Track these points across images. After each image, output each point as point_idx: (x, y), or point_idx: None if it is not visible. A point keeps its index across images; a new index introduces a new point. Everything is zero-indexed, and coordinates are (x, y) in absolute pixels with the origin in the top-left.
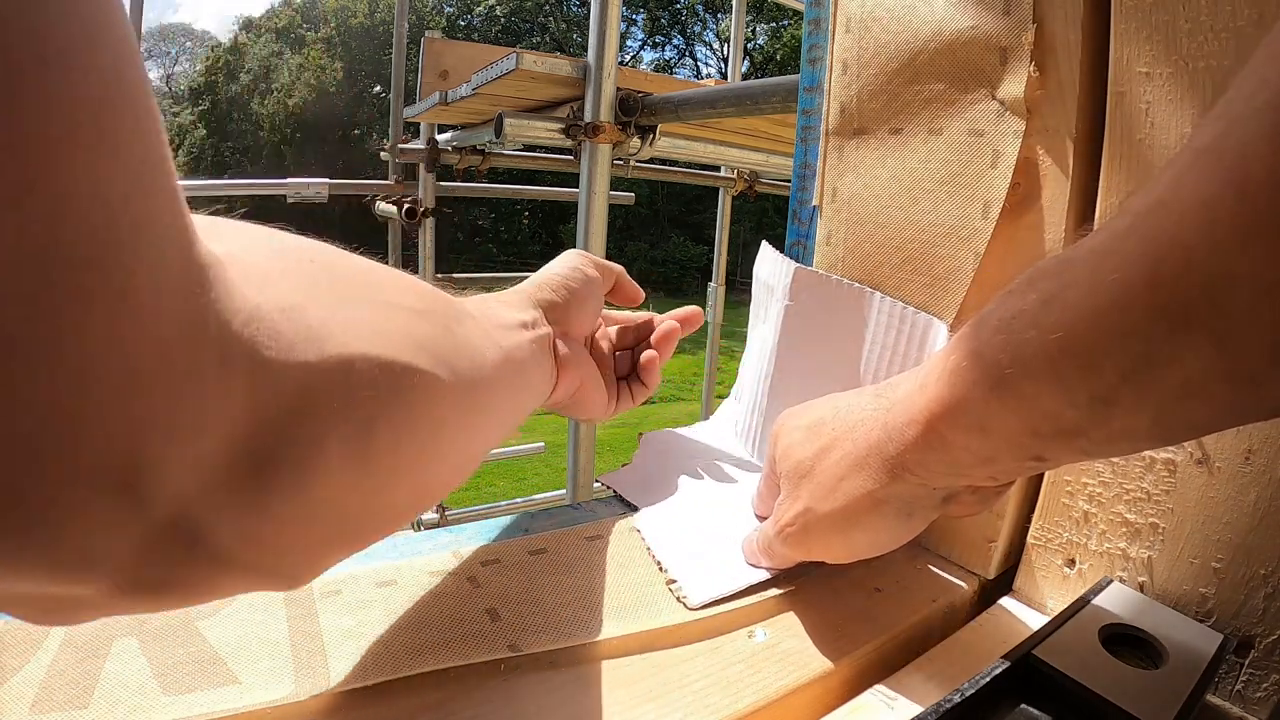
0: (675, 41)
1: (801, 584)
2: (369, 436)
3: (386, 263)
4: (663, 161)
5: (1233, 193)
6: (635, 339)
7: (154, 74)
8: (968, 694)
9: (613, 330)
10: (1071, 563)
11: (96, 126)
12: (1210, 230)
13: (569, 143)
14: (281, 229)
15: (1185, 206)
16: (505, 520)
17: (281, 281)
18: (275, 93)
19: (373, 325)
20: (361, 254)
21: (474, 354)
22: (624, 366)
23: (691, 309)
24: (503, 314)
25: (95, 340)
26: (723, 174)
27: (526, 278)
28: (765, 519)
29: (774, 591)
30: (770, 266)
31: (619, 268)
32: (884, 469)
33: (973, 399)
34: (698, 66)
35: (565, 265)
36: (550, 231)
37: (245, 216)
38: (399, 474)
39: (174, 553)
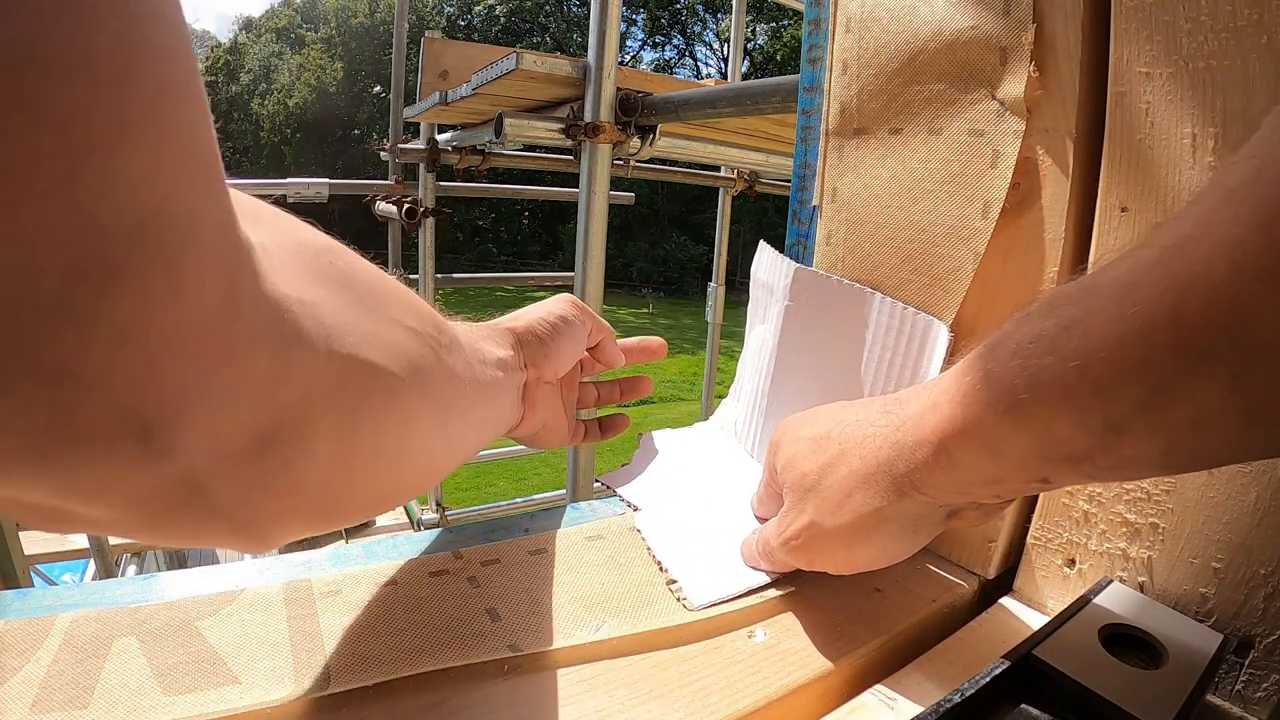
0: (675, 41)
1: (801, 584)
2: (353, 432)
3: (386, 262)
4: (663, 161)
5: (1261, 234)
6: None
7: None
8: (968, 694)
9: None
10: (1071, 563)
11: (146, 119)
12: (1236, 270)
13: (569, 143)
14: (309, 224)
15: (1213, 245)
16: (505, 520)
17: (303, 276)
18: (275, 93)
19: (373, 335)
20: (362, 255)
21: (454, 381)
22: (607, 394)
23: (653, 341)
24: (486, 349)
25: (137, 309)
26: (723, 174)
27: (525, 279)
28: (765, 520)
29: (774, 591)
30: (769, 267)
31: (609, 329)
32: (892, 486)
33: (985, 421)
34: (698, 66)
35: (553, 310)
36: (550, 231)
37: None
38: (371, 470)
39: (174, 501)
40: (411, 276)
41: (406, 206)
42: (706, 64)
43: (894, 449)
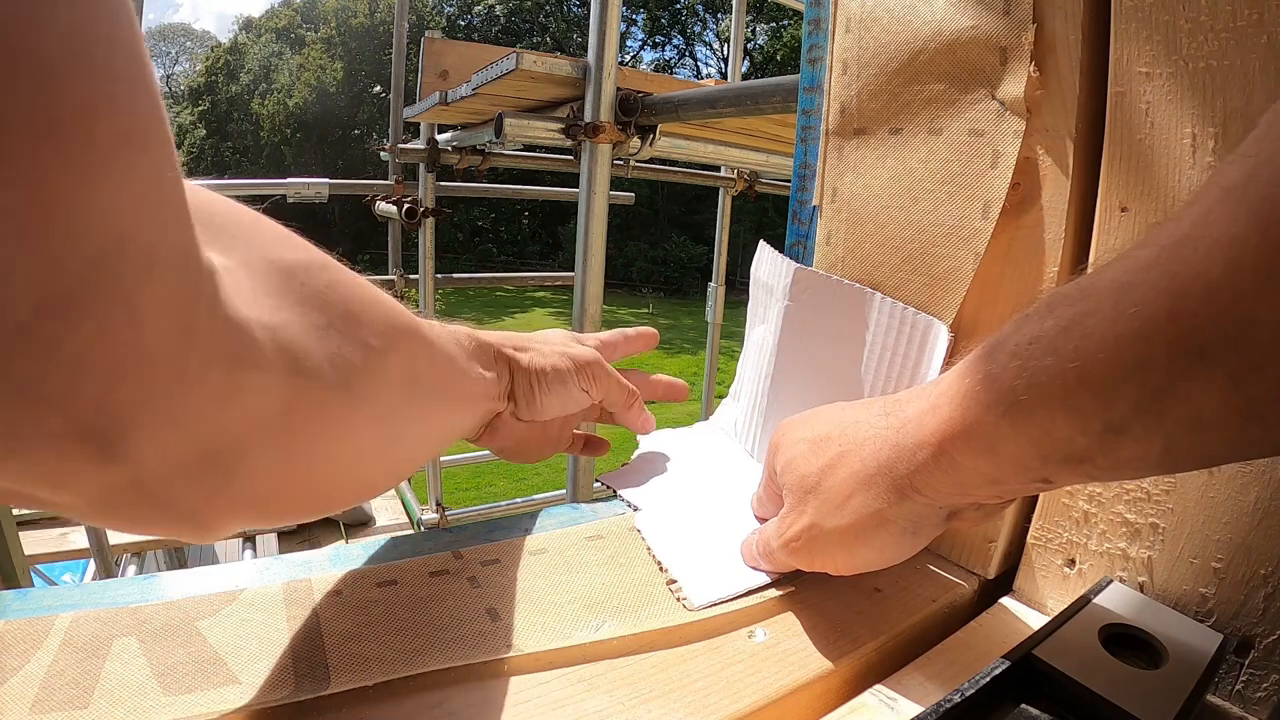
0: (675, 41)
1: (801, 584)
2: (299, 448)
3: (386, 263)
4: (663, 161)
5: (1257, 233)
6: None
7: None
8: (968, 694)
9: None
10: (1071, 563)
11: (109, 166)
12: (1234, 269)
13: (569, 143)
14: (292, 230)
15: (1210, 244)
16: (505, 520)
17: (268, 299)
18: (275, 93)
19: (335, 358)
20: (361, 254)
21: (418, 401)
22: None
23: (679, 385)
24: (467, 370)
25: (94, 337)
26: (723, 174)
27: (525, 279)
28: (764, 520)
29: (774, 591)
30: (769, 267)
31: (629, 395)
32: (892, 488)
33: (985, 423)
34: (698, 66)
35: (559, 366)
36: (550, 231)
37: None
38: (316, 478)
39: (126, 498)
40: (411, 276)
41: (406, 206)
42: (706, 64)
43: (894, 451)
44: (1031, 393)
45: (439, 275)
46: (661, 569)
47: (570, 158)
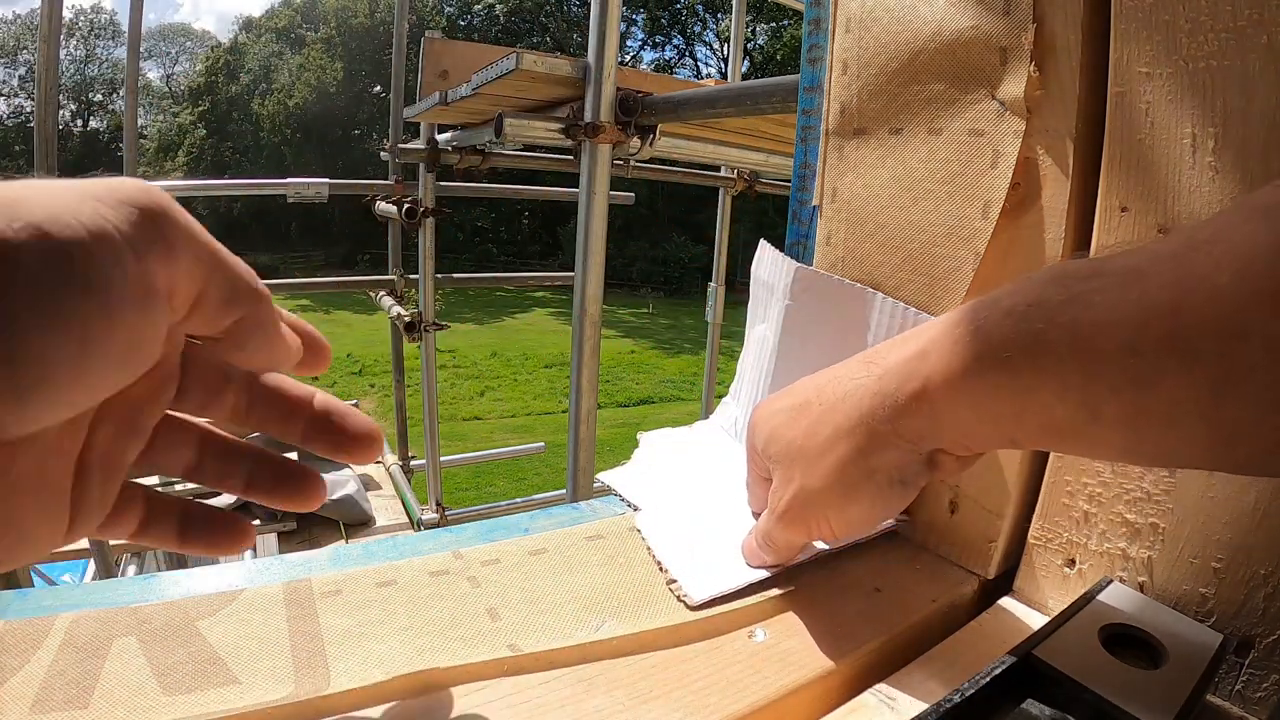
0: (675, 41)
1: (801, 584)
2: None
3: (386, 262)
4: (663, 161)
5: (1270, 251)
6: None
7: (154, 74)
8: (968, 694)
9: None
10: (1071, 563)
11: None
12: (1239, 280)
13: (569, 143)
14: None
15: (1224, 251)
16: (505, 520)
17: None
18: (275, 93)
19: None
20: (362, 255)
21: None
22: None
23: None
24: None
25: None
26: (723, 174)
27: (525, 279)
28: (761, 514)
29: (774, 591)
30: (770, 266)
31: (248, 290)
32: (871, 435)
33: (970, 373)
34: (698, 66)
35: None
36: (550, 231)
37: (245, 215)
38: None
39: None
40: (411, 276)
41: (406, 206)
42: (706, 64)
43: (875, 398)
44: (1020, 354)
45: (439, 275)
46: (661, 569)
47: (570, 158)
